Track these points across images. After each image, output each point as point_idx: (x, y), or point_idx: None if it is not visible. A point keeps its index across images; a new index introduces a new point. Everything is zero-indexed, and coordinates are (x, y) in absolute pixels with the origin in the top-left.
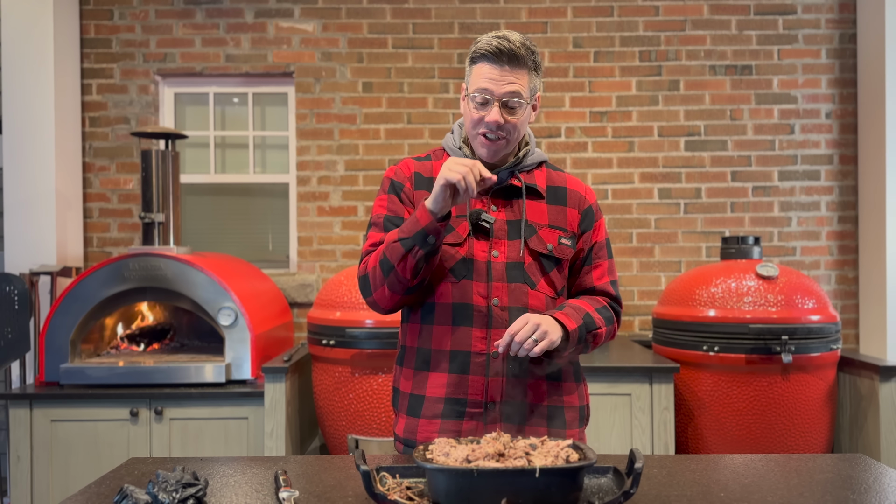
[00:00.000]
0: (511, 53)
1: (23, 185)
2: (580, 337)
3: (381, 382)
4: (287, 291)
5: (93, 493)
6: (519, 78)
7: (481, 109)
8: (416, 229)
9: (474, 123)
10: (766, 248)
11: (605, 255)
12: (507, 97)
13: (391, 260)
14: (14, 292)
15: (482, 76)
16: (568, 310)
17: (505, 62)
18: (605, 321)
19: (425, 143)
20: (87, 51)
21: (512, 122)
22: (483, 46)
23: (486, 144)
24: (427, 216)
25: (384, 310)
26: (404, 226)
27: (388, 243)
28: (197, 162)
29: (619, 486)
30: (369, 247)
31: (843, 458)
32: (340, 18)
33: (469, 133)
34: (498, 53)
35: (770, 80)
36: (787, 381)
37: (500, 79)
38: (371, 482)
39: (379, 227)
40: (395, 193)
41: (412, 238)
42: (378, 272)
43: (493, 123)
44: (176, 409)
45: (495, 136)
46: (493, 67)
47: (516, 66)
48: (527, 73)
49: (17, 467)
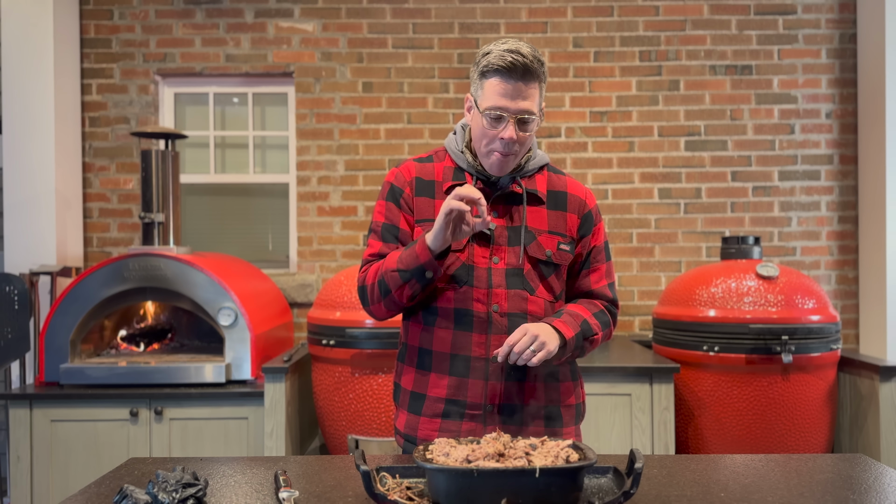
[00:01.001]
0: (525, 69)
1: (23, 185)
2: (577, 344)
3: (381, 382)
4: (287, 291)
5: (93, 493)
6: (532, 93)
7: (495, 126)
8: (414, 264)
9: (488, 140)
10: (766, 248)
11: (604, 259)
12: (521, 114)
13: (389, 286)
14: (14, 292)
15: (495, 92)
16: (566, 317)
17: (518, 78)
18: (602, 325)
19: (425, 143)
20: (87, 51)
21: (525, 138)
22: (496, 62)
23: (501, 161)
24: (426, 253)
25: (381, 319)
26: (403, 256)
27: (386, 270)
28: (197, 162)
29: (619, 486)
30: (369, 255)
31: (843, 458)
32: (340, 18)
33: (480, 148)
34: (512, 69)
35: (770, 80)
36: (787, 381)
37: (514, 95)
38: (371, 482)
39: (377, 235)
40: (394, 200)
41: (410, 272)
42: (376, 291)
43: (509, 141)
44: (176, 409)
45: (507, 153)
46: (506, 84)
47: (529, 80)
48: (538, 87)
49: (17, 467)
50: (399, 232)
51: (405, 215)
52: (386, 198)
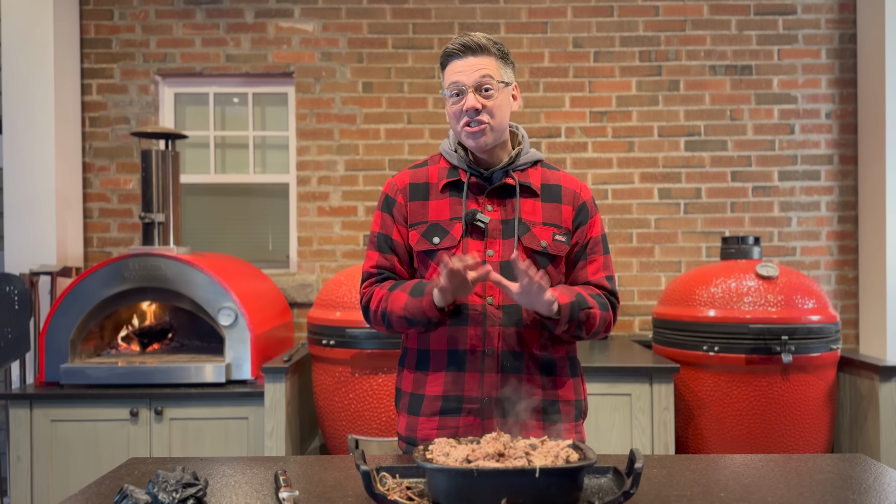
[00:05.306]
0: (474, 45)
1: (23, 185)
2: (572, 313)
3: (381, 382)
4: (287, 291)
5: (93, 493)
6: (487, 64)
7: (458, 101)
8: (421, 317)
9: (456, 117)
10: (766, 248)
11: (601, 251)
12: (478, 82)
13: (393, 324)
14: (14, 292)
15: (452, 72)
16: (561, 287)
17: (469, 53)
18: (599, 305)
19: (425, 143)
20: (87, 51)
21: (489, 107)
22: (447, 48)
23: (471, 133)
24: (433, 310)
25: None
26: (410, 306)
27: (392, 311)
28: (197, 162)
29: (619, 486)
30: (369, 268)
31: (843, 458)
32: (340, 18)
33: (455, 131)
34: (462, 49)
35: (770, 80)
36: (787, 381)
37: (467, 69)
38: (371, 482)
39: (374, 246)
40: (388, 210)
41: (417, 321)
42: (379, 319)
43: (471, 109)
44: (176, 409)
45: (476, 122)
46: (459, 61)
47: (481, 54)
48: (494, 60)
49: (17, 467)
50: (393, 243)
51: (398, 226)
52: (381, 208)
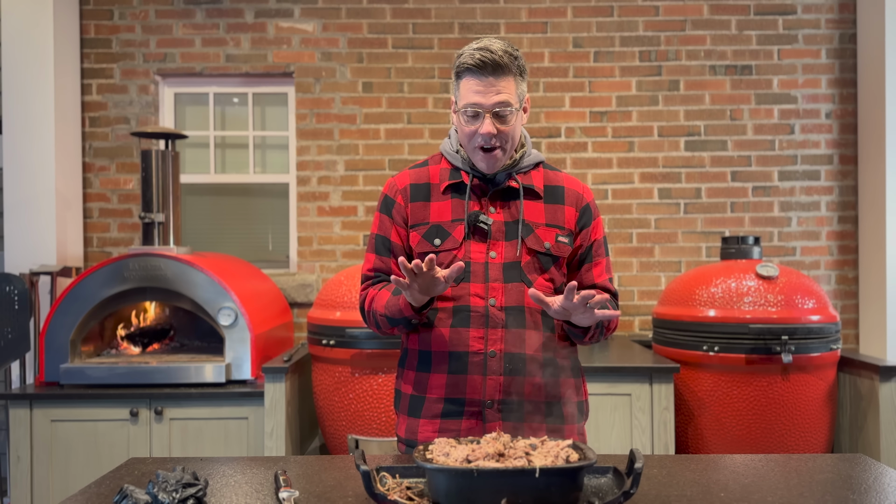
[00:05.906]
0: (494, 64)
1: (23, 185)
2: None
3: (381, 382)
4: (287, 291)
5: (93, 493)
6: (506, 86)
7: (473, 123)
8: (399, 315)
9: (469, 137)
10: (766, 248)
11: (604, 253)
12: (496, 108)
13: (379, 324)
14: (14, 292)
15: (469, 90)
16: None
17: (489, 73)
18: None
19: (425, 143)
20: (87, 51)
21: (505, 131)
22: (466, 60)
23: (485, 157)
24: (409, 309)
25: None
26: (389, 305)
27: (376, 310)
28: (197, 162)
29: (619, 486)
30: (367, 271)
31: (843, 458)
32: (340, 18)
33: (465, 147)
34: (482, 66)
35: (770, 80)
36: (787, 381)
37: (487, 90)
38: (371, 482)
39: (372, 248)
40: (387, 212)
41: (396, 319)
42: (371, 321)
43: (487, 135)
44: (176, 409)
45: (491, 147)
46: (478, 81)
47: (501, 74)
48: (513, 80)
49: (17, 467)
50: (391, 245)
51: (396, 227)
52: (380, 209)
